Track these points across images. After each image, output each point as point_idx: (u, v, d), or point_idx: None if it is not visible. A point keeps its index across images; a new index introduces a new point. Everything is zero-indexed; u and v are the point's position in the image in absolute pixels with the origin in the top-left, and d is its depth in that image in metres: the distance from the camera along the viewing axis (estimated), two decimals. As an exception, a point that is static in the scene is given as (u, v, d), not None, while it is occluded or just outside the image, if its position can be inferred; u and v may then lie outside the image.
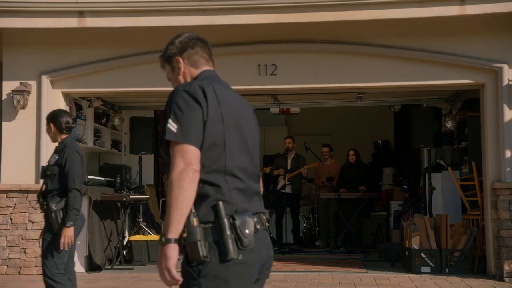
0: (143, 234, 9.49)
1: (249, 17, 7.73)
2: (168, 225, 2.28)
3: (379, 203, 12.23)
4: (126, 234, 9.56)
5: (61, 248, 4.74)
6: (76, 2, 7.70)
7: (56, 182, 4.88)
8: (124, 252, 9.29)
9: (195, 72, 2.63)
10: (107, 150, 10.40)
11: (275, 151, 13.34)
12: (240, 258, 2.30)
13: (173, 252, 2.27)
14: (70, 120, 5.17)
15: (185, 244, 2.30)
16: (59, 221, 4.75)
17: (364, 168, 11.49)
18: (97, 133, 10.03)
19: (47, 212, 4.85)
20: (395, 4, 7.57)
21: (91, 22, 7.77)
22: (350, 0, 7.57)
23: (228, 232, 2.29)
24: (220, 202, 2.33)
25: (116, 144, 10.73)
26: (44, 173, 4.99)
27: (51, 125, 5.03)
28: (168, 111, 2.40)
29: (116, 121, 10.28)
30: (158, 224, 10.26)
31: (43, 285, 4.87)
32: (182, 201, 2.27)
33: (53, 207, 4.78)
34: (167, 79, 2.71)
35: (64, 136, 5.02)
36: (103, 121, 10.22)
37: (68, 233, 4.75)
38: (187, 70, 2.62)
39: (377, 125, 14.03)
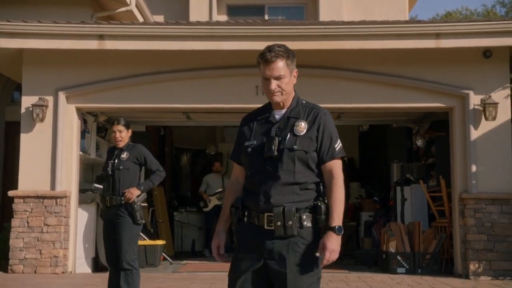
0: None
1: (250, 44, 8.67)
2: (339, 218, 2.90)
3: (347, 215, 13.28)
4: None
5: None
6: (98, 27, 8.54)
7: (130, 175, 5.78)
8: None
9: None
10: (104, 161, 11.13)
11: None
12: None
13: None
14: None
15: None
16: (139, 210, 5.65)
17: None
18: (96, 146, 10.76)
19: (125, 205, 5.71)
20: (378, 36, 8.69)
21: (110, 45, 8.62)
22: (340, 32, 8.68)
23: None
24: None
25: (111, 156, 11.47)
26: (113, 170, 5.83)
27: (129, 130, 5.93)
28: (328, 132, 3.02)
29: (115, 135, 11.02)
30: (150, 231, 11.03)
31: (57, 282, 5.65)
32: (343, 201, 2.96)
33: (138, 198, 5.67)
34: (270, 76, 2.97)
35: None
36: (102, 134, 10.97)
37: (134, 192, 5.71)
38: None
39: (343, 145, 15.14)
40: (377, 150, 12.72)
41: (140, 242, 10.09)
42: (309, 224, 2.89)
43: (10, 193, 8.77)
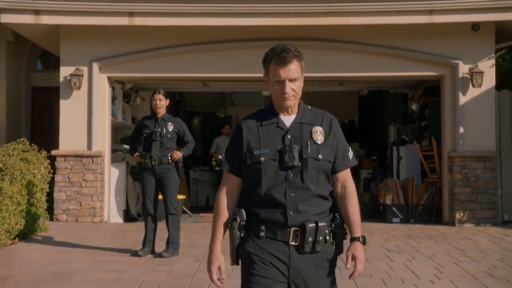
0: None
1: (263, 20, 9.75)
2: (360, 227, 2.81)
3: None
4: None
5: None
6: (128, 5, 9.58)
7: (173, 142, 6.99)
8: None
9: None
10: (128, 124, 12.28)
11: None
12: None
13: None
14: None
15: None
16: (182, 168, 6.88)
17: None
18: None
19: (171, 163, 6.93)
20: (378, 13, 9.71)
21: (139, 21, 9.66)
22: (344, 9, 9.72)
23: None
24: None
25: (133, 120, 12.62)
26: (162, 137, 7.01)
27: (167, 99, 7.08)
28: (342, 140, 2.84)
29: (138, 101, 12.19)
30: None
31: (101, 229, 6.84)
32: (359, 209, 2.86)
33: (181, 158, 6.89)
34: (286, 77, 2.69)
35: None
36: (126, 100, 12.08)
37: (179, 153, 7.10)
38: None
39: (343, 108, 16.24)
40: (375, 113, 13.86)
41: (160, 197, 11.30)
42: (330, 239, 2.75)
43: (53, 152, 9.90)
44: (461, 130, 10.03)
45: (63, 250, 7.34)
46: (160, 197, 7.28)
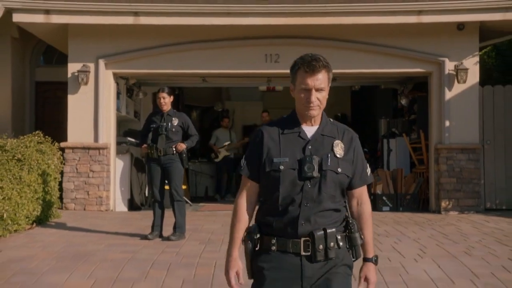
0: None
1: (260, 19, 10.30)
2: (373, 247, 2.85)
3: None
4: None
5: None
6: (134, 5, 10.14)
7: (178, 135, 7.57)
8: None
9: None
10: (131, 118, 12.85)
11: (252, 122, 16.08)
12: None
13: None
14: None
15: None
16: (186, 158, 7.47)
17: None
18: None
19: (176, 154, 7.52)
20: (370, 13, 10.29)
21: (144, 20, 10.23)
22: (338, 9, 10.29)
23: None
24: None
25: (135, 114, 13.19)
26: (167, 130, 7.59)
27: (171, 96, 7.66)
28: (361, 156, 2.85)
29: (141, 95, 12.76)
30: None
31: (109, 217, 7.44)
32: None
33: (185, 149, 7.48)
34: (314, 86, 2.73)
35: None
36: (129, 95, 12.64)
37: (183, 145, 7.70)
38: None
39: (337, 102, 16.86)
40: (367, 107, 14.48)
41: (167, 187, 11.89)
42: (344, 244, 2.73)
43: (62, 144, 10.44)
44: (447, 123, 10.65)
45: (78, 234, 7.93)
46: (167, 187, 7.90)
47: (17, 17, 10.15)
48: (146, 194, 11.66)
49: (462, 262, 6.21)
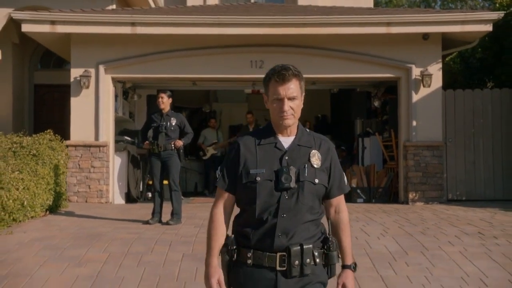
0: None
1: (247, 29, 11.46)
2: (351, 255, 2.85)
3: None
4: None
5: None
6: (131, 16, 11.23)
7: (176, 133, 8.66)
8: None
9: None
10: (127, 118, 13.91)
11: (238, 122, 17.18)
12: None
13: None
14: None
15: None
16: (182, 154, 8.57)
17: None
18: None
19: (174, 150, 8.60)
20: (345, 24, 11.46)
21: (140, 30, 11.33)
22: (316, 21, 11.45)
23: None
24: None
25: (130, 114, 14.25)
26: (166, 129, 8.67)
27: (170, 98, 8.74)
28: (338, 166, 2.86)
29: (135, 98, 13.83)
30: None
31: (110, 208, 8.54)
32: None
33: (182, 146, 8.57)
34: (285, 95, 2.76)
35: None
36: (125, 97, 13.70)
37: (181, 142, 8.78)
38: None
39: (317, 104, 17.98)
40: (345, 109, 15.65)
41: (165, 182, 12.87)
42: (321, 261, 2.72)
43: (66, 142, 11.51)
44: (414, 123, 11.85)
45: (87, 220, 9.01)
46: (165, 182, 8.97)
47: (25, 27, 11.19)
48: (141, 189, 12.74)
49: (416, 239, 7.39)
